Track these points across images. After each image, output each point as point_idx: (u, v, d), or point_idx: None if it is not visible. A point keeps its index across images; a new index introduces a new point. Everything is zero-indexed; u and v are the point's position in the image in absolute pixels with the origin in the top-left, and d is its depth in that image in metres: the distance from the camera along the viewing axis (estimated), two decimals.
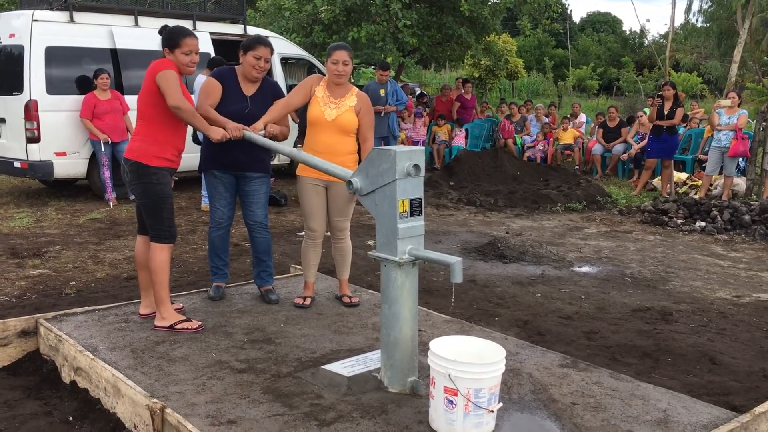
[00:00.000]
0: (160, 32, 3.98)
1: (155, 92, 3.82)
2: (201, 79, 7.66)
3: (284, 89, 8.05)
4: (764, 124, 10.34)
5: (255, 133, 4.13)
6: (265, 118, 4.26)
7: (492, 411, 2.76)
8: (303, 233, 4.57)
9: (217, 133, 4.02)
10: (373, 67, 23.10)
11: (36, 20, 8.89)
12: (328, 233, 4.54)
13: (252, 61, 4.29)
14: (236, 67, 4.46)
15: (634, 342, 4.43)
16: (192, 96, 4.10)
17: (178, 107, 3.80)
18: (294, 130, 9.61)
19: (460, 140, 13.87)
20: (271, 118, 4.27)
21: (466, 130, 14.20)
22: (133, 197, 5.11)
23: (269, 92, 4.47)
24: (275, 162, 11.15)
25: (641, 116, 12.80)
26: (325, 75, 4.42)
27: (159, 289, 3.96)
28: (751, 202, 8.92)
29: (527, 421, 2.96)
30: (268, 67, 4.37)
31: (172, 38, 3.89)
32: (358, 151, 4.43)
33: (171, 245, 4.02)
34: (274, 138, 4.25)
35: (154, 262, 3.95)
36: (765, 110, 10.45)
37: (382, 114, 9.77)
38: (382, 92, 9.93)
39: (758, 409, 2.94)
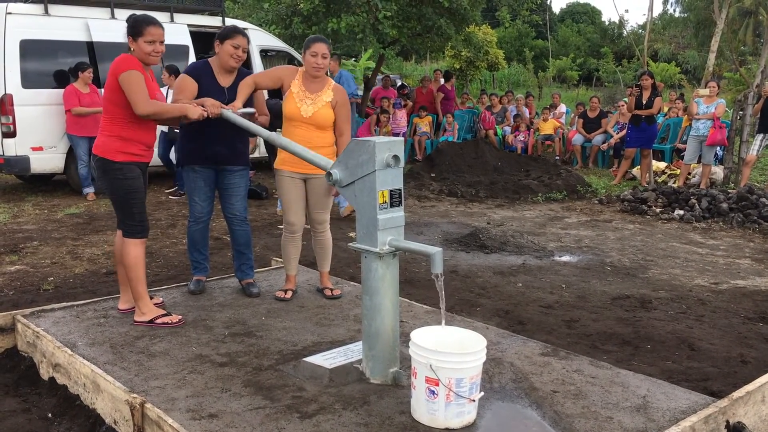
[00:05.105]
0: (127, 20, 3.90)
1: (118, 90, 3.74)
2: None
3: None
4: (741, 113, 10.45)
5: (234, 111, 4.06)
6: (240, 97, 4.18)
7: (473, 400, 2.77)
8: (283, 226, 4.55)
9: (195, 112, 3.92)
10: (354, 59, 23.04)
11: (10, 13, 8.76)
12: (308, 226, 4.52)
13: (230, 50, 4.23)
14: (210, 59, 4.39)
15: (613, 330, 4.47)
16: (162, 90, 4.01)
17: (147, 115, 3.76)
18: None
19: (452, 133, 13.79)
20: (244, 96, 4.20)
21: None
22: None
23: None
24: (256, 155, 11.08)
25: (622, 105, 12.87)
26: (302, 66, 4.38)
27: (135, 284, 3.92)
28: (729, 191, 9.01)
29: (508, 410, 2.97)
30: (245, 57, 4.31)
31: (136, 26, 3.79)
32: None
33: (144, 239, 3.96)
34: (251, 117, 4.20)
35: (128, 257, 3.90)
36: (742, 99, 10.56)
37: None
38: None
39: (736, 394, 2.97)
